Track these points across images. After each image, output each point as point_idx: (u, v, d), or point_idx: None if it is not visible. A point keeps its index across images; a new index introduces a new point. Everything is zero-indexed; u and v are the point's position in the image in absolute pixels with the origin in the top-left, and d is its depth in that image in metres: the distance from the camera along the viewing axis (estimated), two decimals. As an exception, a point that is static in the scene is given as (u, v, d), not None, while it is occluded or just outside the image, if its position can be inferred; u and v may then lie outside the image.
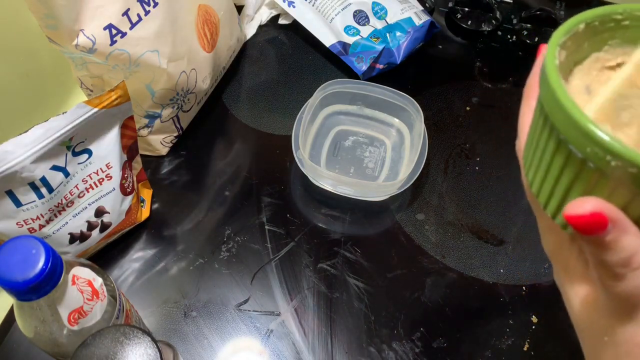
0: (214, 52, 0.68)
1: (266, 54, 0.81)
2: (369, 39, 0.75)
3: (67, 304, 0.40)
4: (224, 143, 0.71)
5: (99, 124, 0.51)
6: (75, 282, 0.41)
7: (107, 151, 0.53)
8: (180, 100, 0.65)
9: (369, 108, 0.72)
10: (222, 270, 0.59)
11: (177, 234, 0.62)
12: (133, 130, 0.56)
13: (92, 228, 0.54)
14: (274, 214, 0.63)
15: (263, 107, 0.75)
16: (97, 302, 0.42)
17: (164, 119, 0.65)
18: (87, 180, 0.52)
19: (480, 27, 0.82)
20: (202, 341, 0.54)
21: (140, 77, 0.58)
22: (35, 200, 0.48)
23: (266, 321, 0.56)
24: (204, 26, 0.66)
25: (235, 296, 0.57)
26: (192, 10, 0.63)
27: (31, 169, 0.46)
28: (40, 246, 0.37)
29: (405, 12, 0.78)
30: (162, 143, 0.67)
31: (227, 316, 0.56)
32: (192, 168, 0.68)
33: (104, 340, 0.38)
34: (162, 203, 0.64)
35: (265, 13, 0.84)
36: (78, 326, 0.41)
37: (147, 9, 0.56)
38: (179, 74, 0.62)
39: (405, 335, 0.55)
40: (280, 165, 0.68)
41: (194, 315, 0.56)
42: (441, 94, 0.77)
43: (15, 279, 0.36)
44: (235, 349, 0.54)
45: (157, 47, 0.57)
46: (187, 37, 0.62)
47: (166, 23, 0.58)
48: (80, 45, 0.52)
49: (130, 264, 0.60)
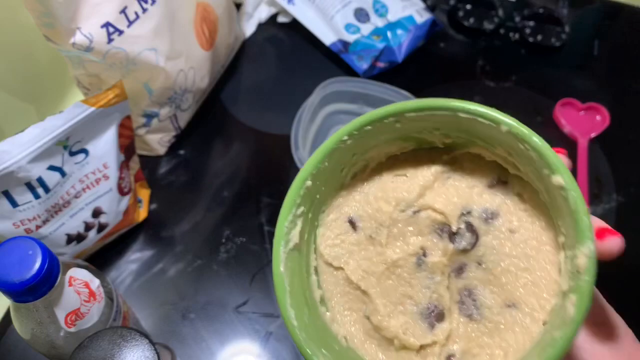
0: (212, 51, 0.68)
1: (265, 52, 0.81)
2: (370, 37, 0.75)
3: (64, 306, 0.40)
4: (222, 143, 0.70)
5: (95, 123, 0.51)
6: (72, 284, 0.41)
7: (104, 151, 0.52)
8: (179, 99, 0.65)
9: (370, 107, 0.71)
10: (221, 271, 0.59)
11: (175, 234, 0.62)
12: (130, 130, 0.56)
13: (89, 229, 0.54)
14: (273, 215, 0.63)
15: (262, 106, 0.74)
16: (94, 303, 0.42)
17: (162, 118, 0.64)
18: (84, 181, 0.52)
19: (482, 25, 0.82)
20: (200, 343, 0.54)
21: (137, 75, 0.58)
22: (31, 201, 0.48)
23: (265, 323, 0.55)
24: (203, 24, 0.65)
25: (234, 298, 0.57)
26: (190, 7, 0.63)
27: (28, 169, 0.46)
28: (36, 247, 0.37)
29: (406, 10, 0.77)
30: (159, 142, 0.67)
31: (226, 318, 0.56)
32: (190, 168, 0.67)
33: (101, 342, 0.37)
34: (160, 203, 0.64)
35: (265, 11, 0.83)
36: (75, 328, 0.41)
37: (144, 7, 0.56)
38: (177, 72, 0.61)
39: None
40: (280, 165, 0.68)
41: (192, 317, 0.56)
42: (443, 92, 0.76)
43: (11, 280, 0.36)
44: (234, 352, 0.54)
45: (154, 46, 0.57)
46: (185, 35, 0.62)
47: (164, 21, 0.58)
48: (77, 44, 0.51)
49: (128, 265, 0.59)
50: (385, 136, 0.30)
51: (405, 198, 0.30)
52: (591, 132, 0.70)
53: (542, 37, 0.80)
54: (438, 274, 0.29)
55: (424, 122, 0.29)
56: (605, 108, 0.71)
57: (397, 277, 0.29)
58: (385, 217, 0.30)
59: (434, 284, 0.29)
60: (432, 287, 0.29)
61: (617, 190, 0.65)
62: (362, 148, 0.30)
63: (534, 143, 0.25)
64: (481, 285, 0.28)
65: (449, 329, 0.28)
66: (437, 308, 0.28)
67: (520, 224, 0.28)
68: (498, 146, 0.28)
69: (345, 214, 0.31)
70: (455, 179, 0.30)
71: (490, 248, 0.28)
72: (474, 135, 0.29)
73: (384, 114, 0.28)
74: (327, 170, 0.30)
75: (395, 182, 0.31)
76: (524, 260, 0.27)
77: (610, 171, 0.67)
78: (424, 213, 0.30)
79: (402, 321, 0.29)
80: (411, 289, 0.29)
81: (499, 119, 0.26)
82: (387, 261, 0.29)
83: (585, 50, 0.81)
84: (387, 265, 0.29)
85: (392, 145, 0.31)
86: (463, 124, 0.27)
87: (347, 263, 0.31)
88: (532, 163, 0.26)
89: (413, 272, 0.29)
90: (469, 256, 0.29)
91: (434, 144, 0.31)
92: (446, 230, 0.29)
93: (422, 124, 0.29)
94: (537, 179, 0.27)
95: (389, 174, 0.32)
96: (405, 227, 0.30)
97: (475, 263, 0.28)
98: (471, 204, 0.29)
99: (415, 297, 0.29)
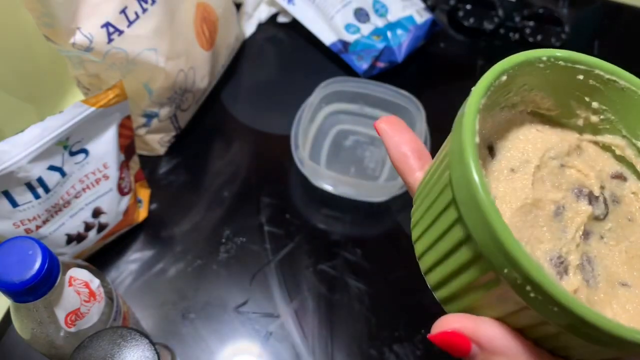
0: (212, 51, 0.68)
1: (265, 52, 0.81)
2: (370, 37, 0.75)
3: (64, 306, 0.40)
4: (222, 143, 0.70)
5: (95, 123, 0.51)
6: (72, 284, 0.41)
7: (104, 151, 0.52)
8: (179, 99, 0.65)
9: (370, 107, 0.71)
10: (221, 271, 0.59)
11: (175, 234, 0.61)
12: (130, 130, 0.56)
13: (89, 229, 0.54)
14: (273, 215, 0.63)
15: (262, 106, 0.74)
16: (95, 303, 0.42)
17: (162, 118, 0.64)
18: (84, 181, 0.52)
19: (483, 25, 0.82)
20: (200, 343, 0.54)
21: (137, 75, 0.58)
22: (31, 201, 0.48)
23: (265, 323, 0.55)
24: (203, 24, 0.65)
25: (234, 298, 0.57)
26: (190, 7, 0.63)
27: (28, 169, 0.46)
28: (36, 247, 0.37)
29: (406, 10, 0.77)
30: (159, 142, 0.67)
31: (226, 318, 0.56)
32: (190, 168, 0.67)
33: (102, 342, 0.37)
34: (160, 203, 0.64)
35: (265, 11, 0.83)
36: (75, 328, 0.41)
37: (144, 7, 0.56)
38: (177, 72, 0.61)
39: (407, 337, 0.55)
40: (280, 165, 0.67)
41: (192, 317, 0.56)
42: (443, 92, 0.76)
43: (11, 280, 0.36)
44: (234, 352, 0.54)
45: (154, 46, 0.57)
46: (185, 35, 0.62)
47: (164, 21, 0.58)
48: (77, 44, 0.51)
49: (128, 265, 0.59)
50: (535, 81, 0.29)
51: (555, 147, 0.29)
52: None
53: (542, 37, 0.80)
54: (572, 231, 0.28)
55: (574, 82, 0.28)
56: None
57: (534, 217, 0.28)
58: (533, 155, 0.29)
59: (566, 238, 0.28)
60: (564, 240, 0.28)
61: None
62: (516, 86, 0.29)
63: None
64: (599, 257, 0.28)
65: (577, 284, 0.27)
66: (565, 261, 0.27)
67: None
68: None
69: (486, 139, 0.29)
70: (589, 154, 0.30)
71: (615, 225, 0.29)
72: (623, 116, 0.28)
73: (536, 56, 0.28)
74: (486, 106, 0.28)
75: (543, 131, 0.30)
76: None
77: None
78: (568, 170, 0.29)
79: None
80: (542, 234, 0.28)
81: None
82: (528, 197, 0.27)
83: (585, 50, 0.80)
84: (527, 202, 0.27)
85: (540, 98, 0.30)
86: (616, 96, 0.27)
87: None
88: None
89: (549, 220, 0.28)
90: (597, 225, 0.29)
91: (577, 121, 0.30)
92: (586, 193, 0.29)
93: (573, 83, 0.28)
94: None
95: (544, 122, 0.30)
96: (551, 175, 0.29)
97: (599, 235, 0.29)
98: (605, 182, 0.30)
99: (545, 243, 0.27)
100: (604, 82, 0.28)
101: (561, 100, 0.30)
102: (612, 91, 0.28)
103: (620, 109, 0.28)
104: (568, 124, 0.31)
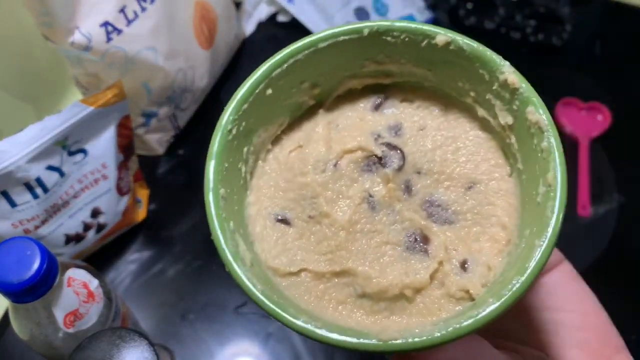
0: (212, 50, 0.67)
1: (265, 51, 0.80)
2: (370, 36, 0.75)
3: (62, 306, 0.40)
4: (222, 142, 0.70)
5: (94, 123, 0.50)
6: (71, 284, 0.41)
7: (103, 151, 0.52)
8: (178, 99, 0.64)
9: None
10: (220, 272, 0.58)
11: (175, 235, 0.61)
12: (129, 130, 0.55)
13: (87, 229, 0.54)
14: (273, 214, 0.63)
15: (262, 105, 0.74)
16: (93, 304, 0.42)
17: (161, 118, 0.64)
18: (83, 180, 0.52)
19: (484, 24, 0.82)
20: (199, 344, 0.54)
21: (136, 75, 0.58)
22: (30, 201, 0.48)
23: (265, 324, 0.55)
24: (202, 23, 0.65)
25: (234, 298, 0.57)
26: (189, 6, 0.63)
27: (26, 168, 0.46)
28: (35, 247, 0.37)
29: (407, 9, 0.77)
30: (159, 142, 0.66)
31: (225, 319, 0.55)
32: (189, 168, 0.67)
33: (100, 343, 0.37)
34: (159, 203, 0.64)
35: (264, 10, 0.83)
36: (74, 329, 0.41)
37: (143, 6, 0.56)
38: (176, 71, 0.61)
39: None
40: (280, 164, 0.67)
41: (192, 317, 0.55)
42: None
43: (10, 280, 0.36)
44: (233, 353, 0.54)
45: (153, 45, 0.57)
46: (184, 34, 0.62)
47: (163, 20, 0.58)
48: (75, 43, 0.51)
49: (127, 266, 0.59)
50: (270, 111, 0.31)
51: (317, 157, 0.29)
52: (592, 132, 0.69)
53: (544, 37, 0.80)
54: (395, 203, 0.28)
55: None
56: (607, 107, 0.71)
57: (362, 233, 0.27)
58: (310, 189, 0.28)
59: (397, 214, 0.28)
60: (398, 218, 0.28)
61: (618, 190, 0.65)
62: (255, 126, 0.31)
63: None
64: (434, 189, 0.28)
65: (443, 242, 0.27)
66: (415, 233, 0.27)
67: (423, 120, 0.30)
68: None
69: (271, 215, 0.29)
70: (339, 118, 0.31)
71: (417, 153, 0.29)
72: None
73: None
74: (228, 174, 0.29)
75: (295, 153, 0.30)
76: (451, 143, 0.29)
77: (612, 171, 0.67)
78: (342, 161, 0.29)
79: (397, 269, 0.27)
80: (382, 235, 0.27)
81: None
82: (342, 226, 0.27)
83: (586, 49, 0.81)
84: (345, 230, 0.27)
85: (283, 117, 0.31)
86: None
87: (305, 259, 0.27)
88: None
89: (372, 218, 0.28)
90: (406, 172, 0.28)
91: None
92: (373, 161, 0.29)
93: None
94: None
95: (282, 151, 0.31)
96: (336, 184, 0.28)
97: (415, 174, 0.28)
98: (374, 128, 0.29)
99: (391, 239, 0.27)
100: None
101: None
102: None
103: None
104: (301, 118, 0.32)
